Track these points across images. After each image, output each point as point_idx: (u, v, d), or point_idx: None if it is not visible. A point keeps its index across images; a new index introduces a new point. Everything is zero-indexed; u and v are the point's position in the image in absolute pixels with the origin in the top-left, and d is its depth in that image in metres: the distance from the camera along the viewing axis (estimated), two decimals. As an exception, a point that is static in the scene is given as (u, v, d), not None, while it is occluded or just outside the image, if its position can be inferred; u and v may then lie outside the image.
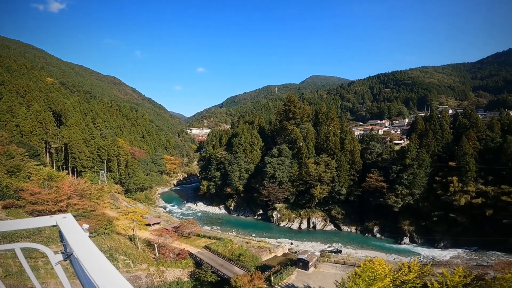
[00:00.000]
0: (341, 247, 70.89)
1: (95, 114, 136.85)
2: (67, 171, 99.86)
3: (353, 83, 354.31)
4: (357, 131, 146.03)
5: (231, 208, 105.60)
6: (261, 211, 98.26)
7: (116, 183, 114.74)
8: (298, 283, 47.71)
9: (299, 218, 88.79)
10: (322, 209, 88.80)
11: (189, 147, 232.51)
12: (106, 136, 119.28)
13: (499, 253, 61.81)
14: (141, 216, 66.30)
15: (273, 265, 53.05)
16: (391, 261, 53.77)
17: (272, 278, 46.86)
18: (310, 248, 67.10)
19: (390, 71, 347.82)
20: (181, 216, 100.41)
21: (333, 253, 63.32)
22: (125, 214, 64.51)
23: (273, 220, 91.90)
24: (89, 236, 3.15)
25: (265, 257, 59.61)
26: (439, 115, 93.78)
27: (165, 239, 56.98)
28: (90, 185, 66.50)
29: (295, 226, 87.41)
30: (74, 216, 3.65)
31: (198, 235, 66.91)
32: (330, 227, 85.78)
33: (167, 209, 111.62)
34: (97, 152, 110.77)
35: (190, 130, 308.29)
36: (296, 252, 63.16)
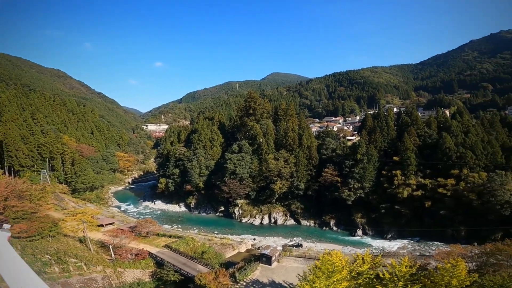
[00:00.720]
0: (301, 241, 72.54)
1: (35, 109, 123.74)
2: (2, 170, 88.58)
3: (311, 81, 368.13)
4: (314, 128, 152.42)
5: (192, 205, 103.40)
6: (222, 208, 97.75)
7: (61, 183, 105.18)
8: (263, 278, 48.24)
9: (261, 213, 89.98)
10: (282, 204, 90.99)
11: (145, 143, 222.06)
12: (48, 133, 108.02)
13: (439, 243, 67.44)
14: (91, 216, 62.39)
15: (237, 262, 52.98)
16: (347, 253, 56.25)
17: (237, 275, 46.92)
18: (273, 243, 68.20)
19: (345, 70, 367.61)
20: (137, 216, 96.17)
21: (294, 247, 64.48)
22: (73, 215, 60.45)
23: (235, 216, 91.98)
24: (28, 239, 2.86)
25: (229, 254, 59.62)
26: (386, 113, 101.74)
27: (120, 240, 54.49)
28: (30, 186, 60.08)
29: (257, 221, 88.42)
30: (13, 219, 3.28)
31: (158, 235, 65.13)
32: (291, 221, 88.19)
33: (122, 209, 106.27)
34: (37, 149, 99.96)
35: (146, 126, 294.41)
36: (259, 247, 63.57)
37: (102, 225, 67.28)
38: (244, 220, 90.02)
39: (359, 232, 77.59)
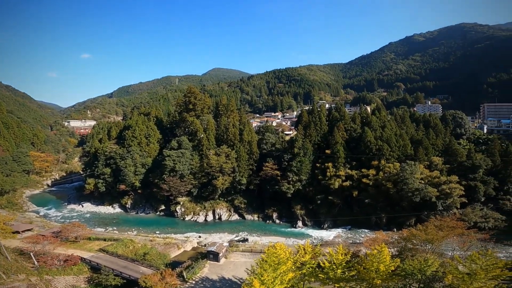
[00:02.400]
0: (247, 235, 73.36)
1: None
2: None
3: (252, 77, 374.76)
4: (254, 123, 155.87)
5: (128, 206, 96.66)
6: (163, 207, 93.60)
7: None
8: (212, 275, 48.11)
9: (204, 210, 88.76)
10: (225, 199, 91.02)
11: (67, 141, 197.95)
12: None
13: (366, 231, 74.69)
14: (3, 223, 55.38)
15: (184, 261, 52.27)
16: (290, 244, 58.83)
17: (185, 274, 46.06)
18: (219, 239, 67.82)
19: (284, 68, 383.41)
20: (62, 220, 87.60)
21: (240, 242, 65.01)
22: (-22, 223, 52.70)
23: (177, 214, 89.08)
24: None
25: (174, 253, 58.41)
26: (319, 109, 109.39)
27: (43, 246, 51.28)
28: None
29: (200, 219, 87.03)
30: None
31: (89, 238, 61.84)
32: (235, 217, 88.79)
33: (42, 214, 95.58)
34: None
35: (68, 122, 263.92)
36: (205, 245, 63.04)
37: (18, 232, 62.75)
38: (187, 218, 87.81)
39: (300, 223, 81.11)
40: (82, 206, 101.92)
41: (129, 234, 71.49)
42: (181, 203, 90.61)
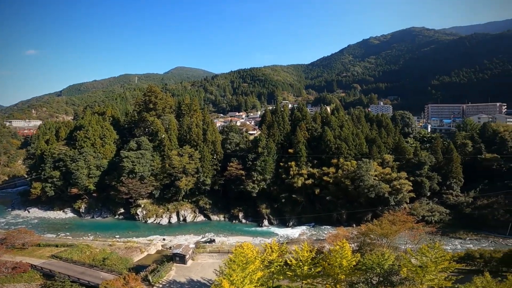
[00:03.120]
0: (213, 236, 72.75)
1: None
2: None
3: (216, 77, 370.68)
4: (218, 123, 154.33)
5: (82, 210, 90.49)
6: (122, 210, 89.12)
7: None
8: (180, 277, 47.09)
9: (168, 212, 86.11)
10: (190, 201, 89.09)
11: (8, 143, 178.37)
12: None
13: (329, 227, 77.28)
14: None
15: (149, 264, 50.86)
16: (257, 243, 59.16)
17: (150, 277, 44.69)
18: (184, 241, 66.53)
19: (249, 67, 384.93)
20: (6, 227, 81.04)
21: (207, 243, 64.41)
22: None
23: (138, 218, 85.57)
24: None
25: (137, 257, 56.91)
26: (282, 109, 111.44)
27: None
28: None
29: (164, 221, 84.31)
30: None
31: (39, 245, 59.34)
32: (200, 218, 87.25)
33: None
34: None
35: (10, 122, 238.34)
36: (170, 247, 62.07)
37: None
38: (149, 220, 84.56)
39: (266, 222, 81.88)
40: (28, 211, 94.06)
41: (85, 240, 67.89)
42: (142, 205, 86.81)
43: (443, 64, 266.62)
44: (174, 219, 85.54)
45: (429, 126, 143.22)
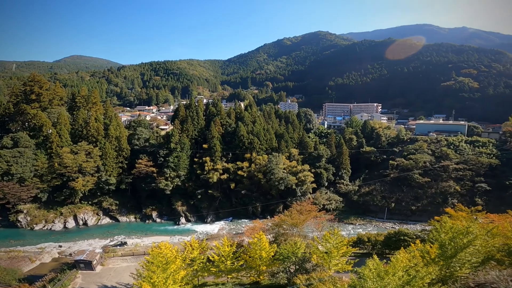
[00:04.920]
0: (124, 238, 67.89)
1: None
2: None
3: (124, 68, 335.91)
4: (124, 117, 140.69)
5: None
6: (-2, 217, 72.51)
7: None
8: (89, 285, 42.87)
9: (62, 217, 75.54)
10: (90, 202, 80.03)
11: None
12: None
13: (246, 220, 79.29)
14: None
15: (44, 274, 45.19)
16: (176, 242, 56.71)
17: (49, 287, 39.37)
18: (88, 246, 61.65)
19: (163, 60, 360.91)
20: None
21: (118, 247, 60.39)
22: None
23: (21, 224, 72.69)
24: None
25: (27, 267, 50.88)
26: (196, 104, 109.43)
27: None
28: None
29: (58, 226, 73.89)
30: None
31: None
32: (106, 220, 79.67)
33: None
34: None
35: None
36: (70, 254, 57.35)
37: None
38: (37, 227, 72.57)
39: (183, 220, 79.78)
40: None
41: None
42: (25, 211, 73.50)
43: (339, 66, 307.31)
44: (71, 224, 75.59)
45: (326, 122, 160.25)
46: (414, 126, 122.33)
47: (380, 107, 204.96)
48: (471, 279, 10.44)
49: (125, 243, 64.51)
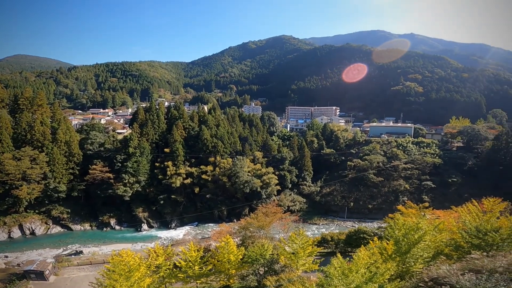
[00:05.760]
0: (80, 247, 64.87)
1: None
2: None
3: (75, 69, 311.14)
4: (76, 120, 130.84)
5: None
6: None
7: None
8: None
9: (5, 227, 69.57)
10: (38, 211, 74.03)
11: None
12: None
13: (212, 224, 77.92)
14: None
15: None
16: (139, 249, 54.62)
17: None
18: (38, 256, 58.87)
19: (121, 61, 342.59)
20: None
21: (73, 256, 58.53)
22: None
23: None
24: None
25: None
26: (157, 107, 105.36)
27: None
28: None
29: (1, 236, 68.30)
30: None
31: None
32: (57, 229, 74.33)
33: None
34: None
35: None
36: (18, 264, 54.99)
37: None
38: None
39: (145, 226, 77.06)
40: None
41: None
42: None
43: (301, 70, 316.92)
44: (16, 234, 69.73)
45: (289, 125, 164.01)
46: (369, 129, 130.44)
47: (339, 110, 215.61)
48: (425, 274, 11.26)
49: (81, 252, 62.04)
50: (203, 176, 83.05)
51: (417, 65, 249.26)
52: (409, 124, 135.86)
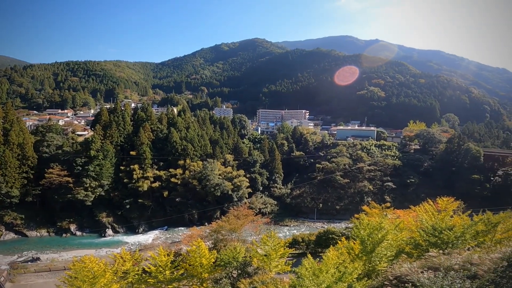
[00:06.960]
0: (36, 254, 61.99)
1: None
2: None
3: (31, 67, 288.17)
4: (31, 121, 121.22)
5: None
6: None
7: None
8: None
9: None
10: None
11: None
12: None
13: (182, 228, 76.14)
14: None
15: None
16: (103, 255, 52.51)
17: None
18: None
19: (83, 60, 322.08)
20: None
21: (29, 263, 56.22)
22: None
23: None
24: None
25: None
26: (123, 108, 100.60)
27: None
28: None
29: None
30: None
31: None
32: (10, 235, 70.09)
33: None
34: None
35: None
36: None
37: None
38: None
39: (110, 231, 73.86)
40: None
41: None
42: None
43: (273, 74, 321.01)
44: None
45: (260, 128, 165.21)
46: (336, 132, 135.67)
47: (308, 113, 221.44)
48: (389, 272, 11.85)
49: (38, 258, 59.33)
50: (172, 180, 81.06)
51: (380, 70, 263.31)
52: (372, 128, 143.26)
